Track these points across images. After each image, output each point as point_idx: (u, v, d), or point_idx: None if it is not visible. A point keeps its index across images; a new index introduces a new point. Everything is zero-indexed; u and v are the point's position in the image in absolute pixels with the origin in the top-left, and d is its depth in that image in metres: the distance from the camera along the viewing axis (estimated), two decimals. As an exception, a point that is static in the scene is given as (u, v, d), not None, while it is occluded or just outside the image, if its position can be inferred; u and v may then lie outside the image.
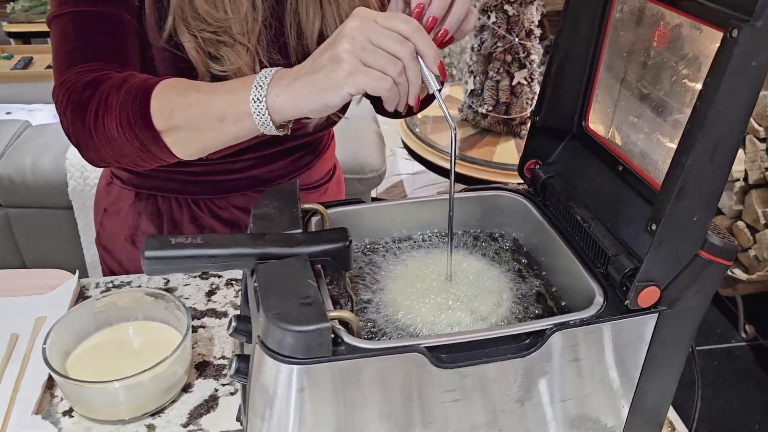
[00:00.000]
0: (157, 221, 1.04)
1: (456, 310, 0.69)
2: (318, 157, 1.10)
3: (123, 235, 1.06)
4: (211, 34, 0.83)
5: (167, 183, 1.02)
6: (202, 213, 1.04)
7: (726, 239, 0.59)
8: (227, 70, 0.85)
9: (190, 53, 0.83)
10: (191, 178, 1.01)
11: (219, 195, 1.03)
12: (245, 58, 0.85)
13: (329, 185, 1.15)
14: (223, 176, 1.01)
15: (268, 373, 0.57)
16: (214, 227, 1.05)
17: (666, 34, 0.61)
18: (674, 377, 0.68)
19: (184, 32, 0.83)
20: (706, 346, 2.34)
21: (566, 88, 0.75)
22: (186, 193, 1.02)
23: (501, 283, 0.73)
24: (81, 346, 0.83)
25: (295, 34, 0.91)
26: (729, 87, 0.49)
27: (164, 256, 0.60)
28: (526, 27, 2.22)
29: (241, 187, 1.03)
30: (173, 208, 1.03)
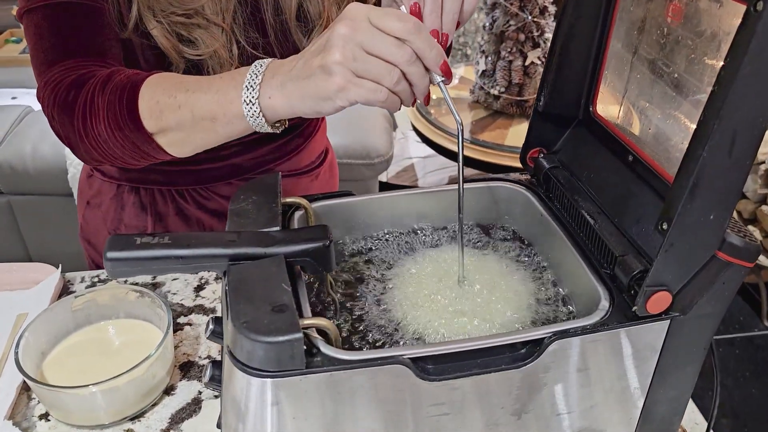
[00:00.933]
0: (141, 214, 1.00)
1: (449, 312, 0.63)
2: (307, 140, 1.05)
3: (107, 228, 1.02)
4: (182, 17, 0.78)
5: (149, 175, 0.97)
6: (187, 204, 1.00)
7: (747, 238, 0.53)
8: (203, 54, 0.80)
9: (159, 41, 0.78)
10: (173, 168, 0.96)
11: (203, 185, 0.99)
12: (221, 39, 0.80)
13: (320, 170, 1.10)
14: (205, 165, 0.97)
15: (239, 386, 0.52)
16: (200, 218, 1.01)
17: (681, 9, 0.55)
18: (688, 387, 0.62)
19: (151, 20, 0.77)
20: (728, 334, 2.27)
21: (572, 70, 0.68)
22: (169, 185, 0.98)
23: (497, 282, 0.67)
24: (59, 346, 0.79)
25: (272, 10, 0.86)
26: (751, 69, 0.43)
27: (128, 257, 0.56)
28: (540, 4, 2.13)
29: (224, 175, 0.99)
30: (157, 200, 0.99)
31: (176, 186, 0.98)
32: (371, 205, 0.73)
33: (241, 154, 0.97)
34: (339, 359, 0.51)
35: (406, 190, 0.75)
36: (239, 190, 0.67)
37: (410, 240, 0.74)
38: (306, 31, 0.88)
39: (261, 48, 0.86)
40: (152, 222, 1.00)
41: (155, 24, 0.78)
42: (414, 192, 0.75)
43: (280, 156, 1.01)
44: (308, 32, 0.88)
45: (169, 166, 0.96)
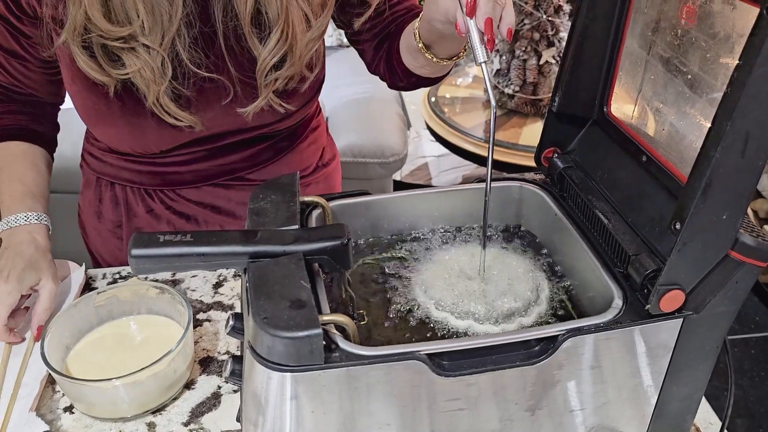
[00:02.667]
0: (116, 208, 1.03)
1: (465, 309, 0.64)
2: (282, 153, 1.03)
3: (90, 216, 1.08)
4: (113, 41, 0.80)
5: (120, 172, 1.00)
6: (155, 204, 1.02)
7: (760, 238, 0.53)
8: (129, 73, 0.82)
9: (79, 64, 0.82)
10: (141, 168, 0.98)
11: (169, 187, 1.00)
12: (148, 60, 0.81)
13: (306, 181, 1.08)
14: (167, 168, 0.98)
15: (259, 380, 0.54)
16: (170, 219, 1.02)
17: (695, 11, 0.55)
18: (701, 385, 0.63)
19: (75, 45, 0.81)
20: (743, 334, 2.25)
21: (586, 71, 0.69)
22: (138, 184, 1.01)
23: (512, 281, 0.68)
24: (82, 341, 0.81)
25: (223, 15, 0.84)
26: (764, 71, 0.43)
27: (152, 255, 0.57)
28: (555, 3, 2.13)
29: (188, 180, 0.99)
30: (129, 197, 1.02)
31: (144, 186, 1.01)
32: (388, 204, 0.74)
33: (204, 160, 0.97)
34: (357, 354, 0.52)
35: (422, 190, 0.76)
36: (257, 189, 0.68)
37: (426, 238, 0.75)
38: (263, 37, 0.85)
39: (205, 67, 0.86)
40: (125, 217, 1.03)
41: (78, 49, 0.81)
42: (430, 191, 0.76)
43: (250, 166, 1.00)
44: (265, 37, 0.85)
45: (138, 165, 0.98)
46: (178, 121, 0.87)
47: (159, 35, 0.81)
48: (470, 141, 2.25)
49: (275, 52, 0.85)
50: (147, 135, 0.91)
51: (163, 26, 0.80)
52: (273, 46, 0.84)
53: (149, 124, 0.89)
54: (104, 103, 0.87)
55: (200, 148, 0.96)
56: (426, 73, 0.92)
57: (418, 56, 0.86)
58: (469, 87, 2.60)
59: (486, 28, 0.64)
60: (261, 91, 0.88)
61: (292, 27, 0.84)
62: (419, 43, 0.84)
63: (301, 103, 0.95)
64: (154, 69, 0.82)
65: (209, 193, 1.01)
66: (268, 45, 0.85)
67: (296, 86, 0.91)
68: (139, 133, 0.91)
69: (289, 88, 0.91)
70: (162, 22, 0.80)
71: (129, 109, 0.87)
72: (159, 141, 0.92)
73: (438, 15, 0.71)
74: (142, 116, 0.88)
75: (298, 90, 0.92)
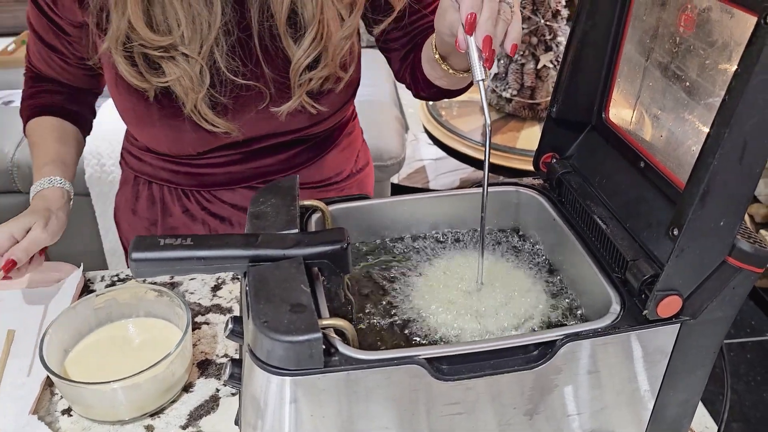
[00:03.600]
0: (152, 207, 1.05)
1: (463, 314, 0.65)
2: (320, 156, 1.04)
3: (126, 213, 1.10)
4: (154, 51, 0.83)
5: (159, 172, 1.02)
6: (191, 204, 1.03)
7: (757, 244, 0.54)
8: (168, 81, 0.84)
9: (121, 71, 0.85)
10: (177, 168, 1.00)
11: (205, 188, 1.02)
12: (187, 68, 0.83)
13: (341, 187, 1.09)
14: (204, 170, 0.99)
15: (258, 384, 0.54)
16: (205, 219, 1.03)
17: (693, 19, 0.56)
18: (698, 390, 0.63)
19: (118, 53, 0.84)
20: (739, 338, 2.26)
21: (585, 77, 0.69)
22: (175, 184, 1.02)
23: (511, 286, 0.68)
24: (81, 344, 0.81)
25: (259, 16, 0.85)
26: (761, 79, 0.44)
27: (152, 258, 0.57)
28: (553, 7, 2.14)
29: (223, 182, 1.01)
30: (165, 197, 1.04)
31: (182, 186, 1.02)
32: (387, 208, 0.75)
33: (239, 163, 0.99)
34: (356, 359, 0.53)
35: (422, 194, 0.76)
36: (258, 193, 0.68)
37: (425, 243, 0.75)
38: (297, 37, 0.86)
39: (242, 75, 0.87)
40: (161, 216, 1.04)
41: (121, 57, 0.84)
42: (430, 196, 0.76)
43: (285, 168, 1.01)
44: (300, 37, 0.86)
45: (175, 165, 1.00)
46: (215, 127, 0.89)
47: (198, 44, 0.83)
48: (468, 144, 2.25)
49: (309, 52, 0.86)
50: (184, 138, 0.93)
51: (202, 35, 0.82)
52: (308, 45, 0.86)
53: (186, 128, 0.91)
54: (144, 107, 0.90)
55: (235, 151, 0.97)
56: (445, 85, 0.93)
57: (436, 67, 0.87)
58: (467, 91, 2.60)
59: (484, 47, 0.64)
60: (294, 92, 0.89)
61: (327, 26, 0.85)
62: (436, 54, 0.84)
63: (335, 105, 0.96)
64: (193, 77, 0.84)
65: (244, 195, 1.02)
66: (302, 45, 0.86)
67: (331, 87, 0.92)
68: (176, 135, 0.93)
69: (324, 89, 0.92)
70: (201, 30, 0.82)
71: (167, 113, 0.90)
72: (195, 143, 0.94)
73: (444, 29, 0.71)
74: (179, 120, 0.90)
75: (333, 91, 0.93)
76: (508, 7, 0.66)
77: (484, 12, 0.64)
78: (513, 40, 0.67)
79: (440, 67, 0.85)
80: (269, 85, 0.89)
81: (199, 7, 0.81)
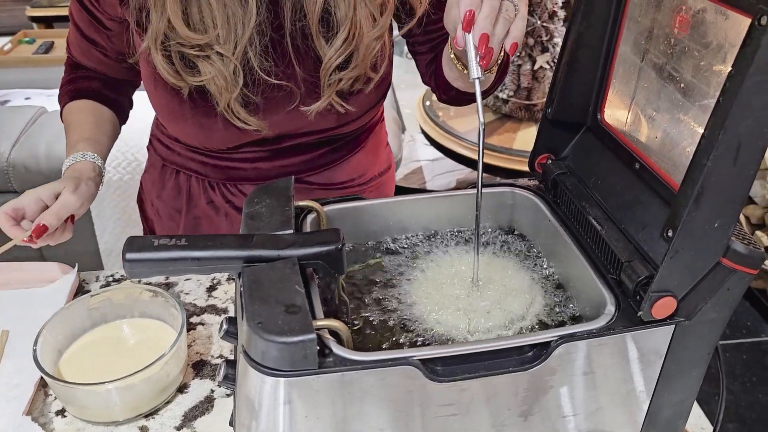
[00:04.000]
0: (177, 197, 1.06)
1: (458, 315, 0.65)
2: (345, 157, 1.04)
3: (151, 198, 1.10)
4: (190, 49, 0.84)
5: (188, 162, 1.03)
6: (216, 196, 1.04)
7: (751, 245, 0.54)
8: (202, 80, 0.85)
9: (159, 70, 0.86)
10: (207, 160, 1.01)
11: (231, 181, 1.03)
12: (221, 68, 0.84)
13: (363, 189, 1.09)
14: (231, 163, 1.00)
15: (252, 385, 0.54)
16: (228, 212, 1.04)
17: (688, 20, 0.56)
18: (692, 391, 0.63)
19: (156, 52, 0.85)
20: (735, 339, 2.26)
21: (580, 78, 0.69)
22: (203, 175, 1.03)
23: (506, 287, 0.68)
24: (75, 344, 0.81)
25: (292, 15, 0.86)
26: (755, 81, 0.44)
27: (146, 259, 0.57)
28: (549, 9, 2.14)
29: (249, 177, 1.02)
30: (192, 187, 1.05)
31: (208, 178, 1.03)
32: (382, 208, 0.75)
33: (266, 160, 1.00)
34: (351, 360, 0.53)
35: (417, 195, 0.76)
36: (252, 193, 0.68)
37: (420, 243, 0.75)
38: (329, 36, 0.87)
39: (275, 75, 0.88)
40: (186, 206, 1.05)
41: (159, 56, 0.85)
42: (424, 196, 0.76)
43: (311, 168, 1.02)
44: (332, 37, 0.87)
45: (204, 157, 1.01)
46: (246, 125, 0.90)
47: (232, 44, 0.84)
48: (464, 145, 2.25)
49: (341, 52, 0.86)
50: (214, 134, 0.94)
51: (237, 35, 0.83)
52: (339, 45, 0.86)
53: (218, 125, 0.92)
54: (177, 103, 0.91)
55: (264, 148, 0.98)
56: (463, 87, 0.92)
57: (453, 68, 0.86)
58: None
59: (480, 44, 0.64)
60: (324, 91, 0.89)
61: (360, 26, 0.85)
62: (451, 54, 0.84)
63: (363, 106, 0.96)
64: (227, 77, 0.85)
65: None
66: (334, 44, 0.86)
67: (360, 88, 0.92)
68: (208, 131, 0.94)
69: (354, 90, 0.92)
70: (236, 30, 0.83)
71: (200, 110, 0.91)
72: (225, 139, 0.95)
73: (449, 25, 0.71)
74: (211, 117, 0.91)
75: (362, 92, 0.93)
76: (511, 5, 0.66)
77: (484, 9, 0.64)
78: (513, 38, 0.67)
79: (456, 67, 0.85)
80: (300, 85, 0.90)
81: (234, 6, 0.82)
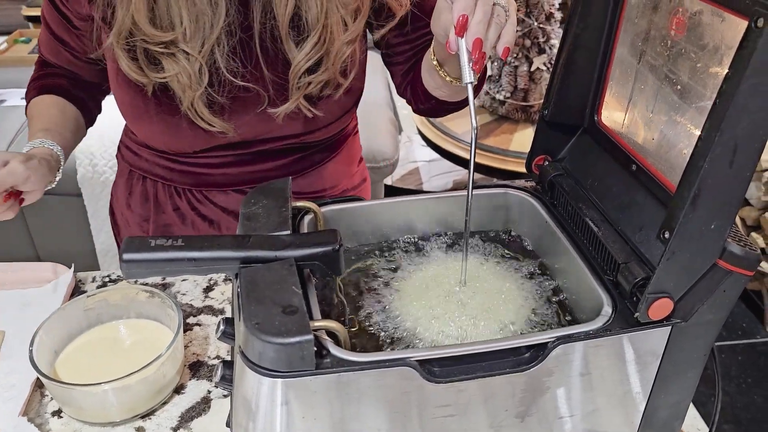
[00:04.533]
0: (145, 203, 1.05)
1: (455, 316, 0.65)
2: (315, 167, 1.03)
3: (121, 206, 1.09)
4: (155, 46, 0.83)
5: (154, 168, 1.02)
6: (182, 203, 1.03)
7: (747, 247, 0.54)
8: (166, 77, 0.85)
9: (122, 66, 0.85)
10: (173, 165, 1.00)
11: (198, 188, 1.01)
12: (186, 66, 0.83)
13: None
14: (200, 168, 0.99)
15: (249, 386, 0.54)
16: (194, 221, 1.03)
17: (684, 22, 0.56)
18: (689, 392, 0.63)
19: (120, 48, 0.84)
20: (731, 341, 2.27)
21: (577, 80, 0.70)
22: (169, 181, 1.02)
23: (504, 289, 0.68)
24: (71, 345, 0.80)
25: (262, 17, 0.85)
26: (752, 83, 0.44)
27: (143, 259, 0.57)
28: (546, 10, 2.14)
29: (218, 183, 1.00)
30: (159, 193, 1.03)
31: (175, 183, 1.02)
32: (379, 209, 0.75)
33: (234, 165, 0.98)
34: (348, 361, 0.53)
35: (413, 196, 0.76)
36: (250, 193, 0.68)
37: (417, 244, 0.75)
38: (299, 40, 0.86)
39: (241, 76, 0.87)
40: (153, 213, 1.04)
41: (122, 51, 0.84)
42: (421, 197, 0.76)
43: (280, 175, 1.00)
44: (302, 41, 0.86)
45: (171, 163, 0.99)
46: (211, 126, 0.89)
47: (199, 42, 0.83)
48: (461, 146, 2.26)
49: (311, 56, 0.86)
50: (181, 134, 0.93)
51: (204, 34, 0.83)
52: (309, 49, 0.85)
53: (183, 125, 0.91)
54: (142, 101, 0.90)
55: (232, 153, 0.97)
56: (443, 96, 0.92)
57: (434, 75, 0.86)
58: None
59: (473, 49, 0.64)
60: (292, 94, 0.89)
61: (330, 32, 0.85)
62: (434, 60, 0.83)
63: (333, 112, 0.95)
64: (191, 75, 0.84)
65: (236, 199, 1.02)
66: (304, 48, 0.85)
67: (330, 93, 0.91)
68: (174, 132, 0.92)
69: (324, 95, 0.91)
70: (203, 29, 0.82)
71: (164, 108, 0.90)
72: (192, 142, 0.94)
73: (439, 29, 0.71)
74: (176, 116, 0.90)
75: (332, 97, 0.92)
76: (502, 10, 0.66)
77: (477, 14, 0.64)
78: (505, 43, 0.66)
79: (438, 74, 0.84)
80: (268, 87, 0.89)
81: (203, 6, 0.81)
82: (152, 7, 0.81)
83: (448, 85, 0.86)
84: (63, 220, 1.97)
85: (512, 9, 0.67)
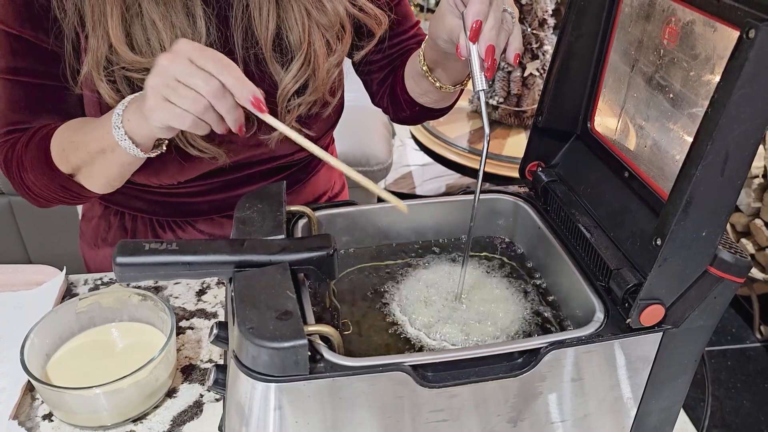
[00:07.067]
0: (123, 236, 1.00)
1: (448, 321, 0.65)
2: (300, 183, 1.02)
3: (96, 242, 1.04)
4: (136, 73, 0.79)
5: (130, 201, 0.97)
6: (165, 234, 0.99)
7: (738, 254, 0.55)
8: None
9: (104, 98, 0.80)
10: (154, 198, 0.96)
11: (182, 218, 0.98)
12: None
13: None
14: (183, 198, 0.96)
15: (243, 390, 0.54)
16: None
17: (677, 32, 0.56)
18: (679, 397, 0.64)
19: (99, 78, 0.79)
20: (720, 346, 2.29)
21: (571, 87, 0.70)
22: (149, 213, 0.98)
23: (496, 294, 0.69)
24: (63, 348, 0.80)
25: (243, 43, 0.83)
26: (743, 93, 0.44)
27: (137, 263, 0.57)
28: (539, 16, 2.16)
29: (203, 211, 0.98)
30: (138, 227, 0.99)
31: (156, 216, 0.98)
32: (373, 214, 0.75)
33: (221, 191, 0.95)
34: (342, 365, 0.53)
35: (408, 200, 0.76)
36: (244, 198, 0.68)
37: (411, 249, 0.76)
38: (284, 62, 0.84)
39: None
40: None
41: (103, 82, 0.80)
42: (416, 202, 0.76)
43: None
44: (287, 63, 0.84)
45: (151, 195, 0.96)
46: (203, 153, 0.85)
47: None
48: (454, 151, 2.26)
49: (298, 78, 0.84)
50: (167, 167, 0.88)
51: None
52: (296, 71, 0.83)
53: (170, 156, 0.86)
54: None
55: (218, 179, 0.94)
56: (429, 102, 0.90)
57: (422, 81, 0.85)
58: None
59: (487, 55, 0.64)
60: (284, 118, 0.86)
61: (315, 52, 0.83)
62: (423, 66, 0.82)
63: (321, 130, 0.94)
64: None
65: (221, 225, 0.99)
66: (291, 71, 0.83)
67: (319, 111, 0.90)
68: (159, 165, 0.88)
69: (312, 113, 0.90)
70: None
71: None
72: (179, 173, 0.90)
73: (442, 33, 0.71)
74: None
75: (321, 116, 0.91)
76: (509, 16, 0.66)
77: (490, 21, 0.64)
78: (516, 49, 0.67)
79: (427, 80, 0.84)
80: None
81: (183, 27, 0.78)
82: (128, 32, 0.78)
83: (436, 90, 0.86)
84: (54, 222, 1.95)
85: (516, 15, 0.68)
